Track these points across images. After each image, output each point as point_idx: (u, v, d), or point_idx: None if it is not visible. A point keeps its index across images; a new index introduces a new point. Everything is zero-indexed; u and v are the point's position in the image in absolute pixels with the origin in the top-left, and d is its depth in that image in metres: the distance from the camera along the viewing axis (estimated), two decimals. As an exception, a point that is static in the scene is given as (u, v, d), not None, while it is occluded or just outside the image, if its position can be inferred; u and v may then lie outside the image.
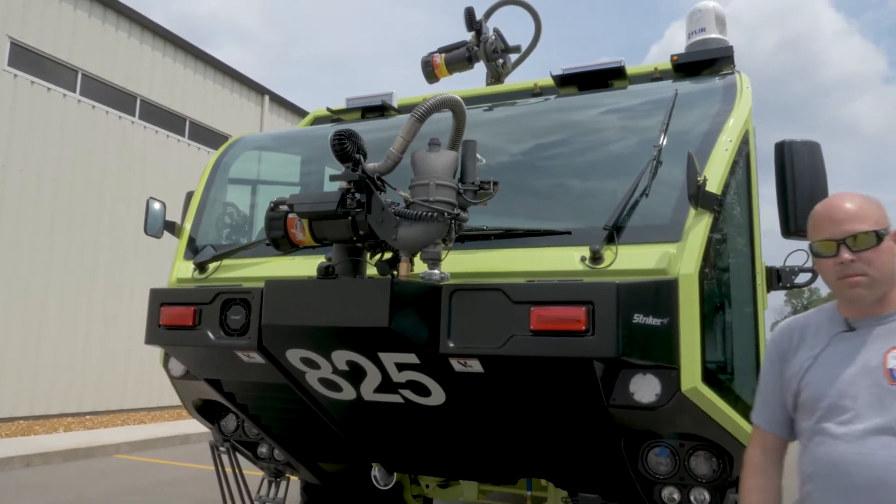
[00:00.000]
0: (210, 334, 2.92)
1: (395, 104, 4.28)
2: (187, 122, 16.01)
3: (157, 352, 11.48)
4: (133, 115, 14.55)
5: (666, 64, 3.81)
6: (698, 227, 2.59)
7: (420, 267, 2.59)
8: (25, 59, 12.40)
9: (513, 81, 4.57)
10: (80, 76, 13.41)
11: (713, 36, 3.80)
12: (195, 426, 12.16)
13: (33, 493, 7.14)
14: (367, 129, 4.03)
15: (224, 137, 17.06)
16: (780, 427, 1.81)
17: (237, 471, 4.04)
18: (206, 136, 16.57)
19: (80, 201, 13.17)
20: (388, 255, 2.65)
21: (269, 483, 4.30)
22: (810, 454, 1.66)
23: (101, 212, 13.59)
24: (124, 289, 13.95)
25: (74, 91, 13.29)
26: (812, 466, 1.65)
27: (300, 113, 20.09)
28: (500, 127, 3.64)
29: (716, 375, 2.56)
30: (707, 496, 2.91)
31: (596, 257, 2.62)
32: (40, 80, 12.60)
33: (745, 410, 2.65)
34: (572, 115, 3.48)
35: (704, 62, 3.60)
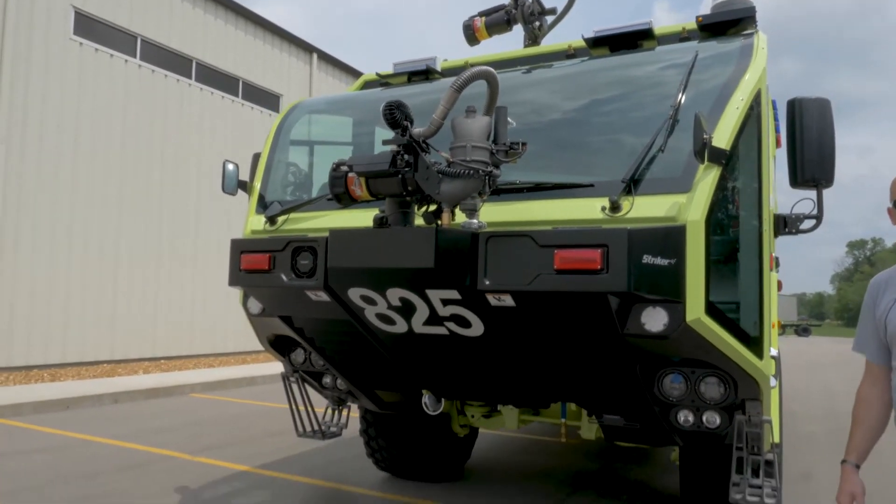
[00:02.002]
0: (283, 276, 3.42)
1: (438, 68, 4.62)
2: (240, 83, 16.58)
3: (221, 301, 12.58)
4: (190, 77, 15.18)
5: (692, 24, 4.05)
6: (707, 179, 2.92)
7: (460, 217, 3.02)
8: (89, 27, 13.08)
9: (549, 43, 4.86)
10: (139, 41, 14.05)
11: (737, -4, 3.99)
12: (259, 370, 13.08)
13: (125, 423, 8.03)
14: (413, 93, 4.44)
15: (275, 96, 17.61)
16: (882, 358, 2.22)
17: (306, 398, 4.62)
18: (259, 95, 17.14)
19: (145, 162, 13.97)
20: (432, 207, 3.08)
21: (333, 411, 4.88)
22: (893, 382, 2.14)
23: (164, 170, 14.39)
24: (188, 244, 14.84)
25: (135, 56, 13.95)
26: (894, 392, 2.14)
27: (347, 70, 20.43)
28: (533, 88, 3.98)
29: (719, 309, 2.92)
30: (717, 418, 3.32)
31: (615, 207, 2.99)
32: (104, 47, 13.29)
33: (747, 340, 3.02)
34: (598, 78, 3.80)
35: (728, 22, 3.83)
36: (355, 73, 20.70)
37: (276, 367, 13.50)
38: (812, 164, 3.27)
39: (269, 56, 17.51)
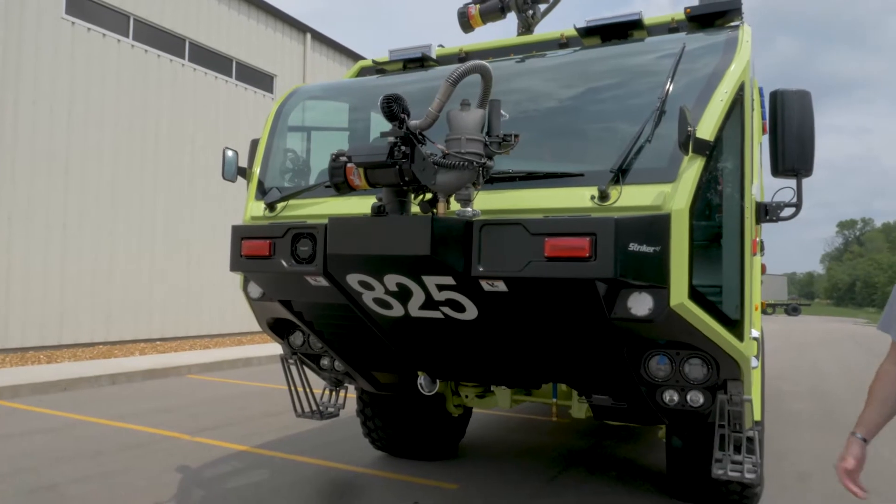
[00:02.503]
0: (283, 262, 3.53)
1: (433, 55, 4.69)
2: (234, 63, 16.52)
3: (216, 282, 12.77)
4: (183, 57, 15.12)
5: (681, 14, 4.14)
6: (691, 170, 3.04)
7: (455, 205, 3.13)
8: (80, 6, 13.00)
9: (542, 31, 4.94)
10: (131, 21, 13.97)
11: (724, -11, 4.08)
12: (255, 351, 13.23)
13: (124, 403, 8.17)
14: (409, 81, 4.53)
15: (269, 77, 17.56)
16: None
17: (304, 380, 4.75)
18: (253, 76, 17.09)
19: (139, 144, 13.96)
20: (428, 196, 3.18)
21: (330, 392, 5.02)
22: None
23: (158, 151, 14.39)
24: (183, 224, 14.88)
25: (128, 36, 13.88)
26: None
27: (341, 50, 20.35)
28: (525, 78, 4.07)
29: (702, 294, 3.05)
30: (701, 397, 3.47)
31: (603, 196, 3.11)
32: (96, 26, 13.22)
33: (728, 323, 3.16)
34: (588, 68, 3.90)
35: (715, 14, 3.93)
36: (349, 53, 20.63)
37: (272, 347, 13.64)
38: (792, 155, 3.39)
39: (263, 36, 17.43)
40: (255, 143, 4.62)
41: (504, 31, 5.52)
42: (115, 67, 13.50)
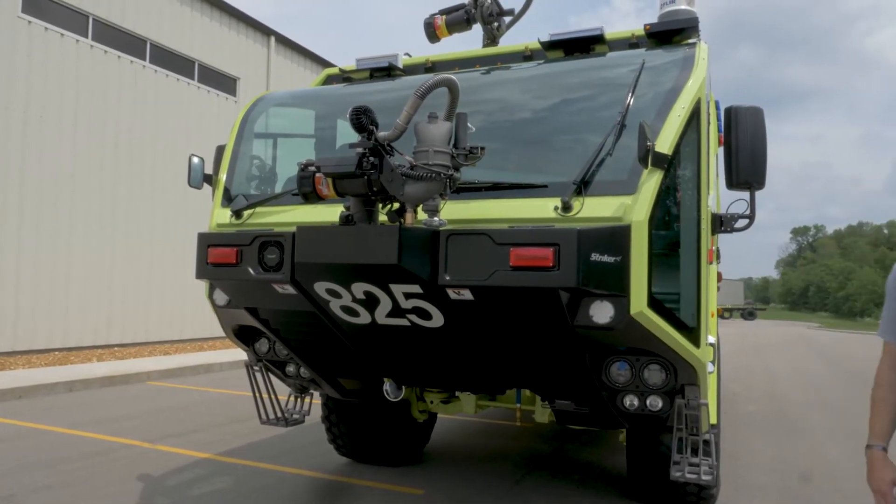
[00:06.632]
0: (251, 270, 3.54)
1: (400, 65, 4.75)
2: (196, 65, 16.31)
3: (177, 288, 12.68)
4: (144, 59, 14.87)
5: (641, 30, 4.28)
6: (650, 182, 3.15)
7: (422, 215, 3.19)
8: (38, 5, 12.70)
9: (506, 44, 5.04)
10: (91, 21, 13.70)
11: (682, 7, 4.23)
12: (217, 357, 13.05)
13: (82, 411, 7.99)
14: (376, 90, 4.57)
15: (232, 80, 17.37)
16: None
17: (269, 386, 4.74)
18: (216, 78, 16.88)
19: (97, 145, 13.68)
20: (395, 206, 3.23)
21: (295, 399, 5.02)
22: None
23: (118, 154, 14.12)
24: (143, 228, 14.62)
25: (87, 36, 13.60)
26: None
27: (305, 54, 20.25)
28: (490, 89, 4.16)
29: (660, 302, 3.17)
30: (660, 402, 3.58)
31: (566, 207, 3.20)
32: (54, 26, 12.92)
33: (685, 330, 3.28)
34: (552, 82, 4.00)
35: (673, 31, 4.07)
36: (313, 57, 20.53)
37: (233, 353, 13.48)
38: (745, 169, 3.54)
39: (226, 38, 17.24)
40: (220, 150, 4.60)
41: (470, 41, 5.60)
42: (73, 68, 13.22)
